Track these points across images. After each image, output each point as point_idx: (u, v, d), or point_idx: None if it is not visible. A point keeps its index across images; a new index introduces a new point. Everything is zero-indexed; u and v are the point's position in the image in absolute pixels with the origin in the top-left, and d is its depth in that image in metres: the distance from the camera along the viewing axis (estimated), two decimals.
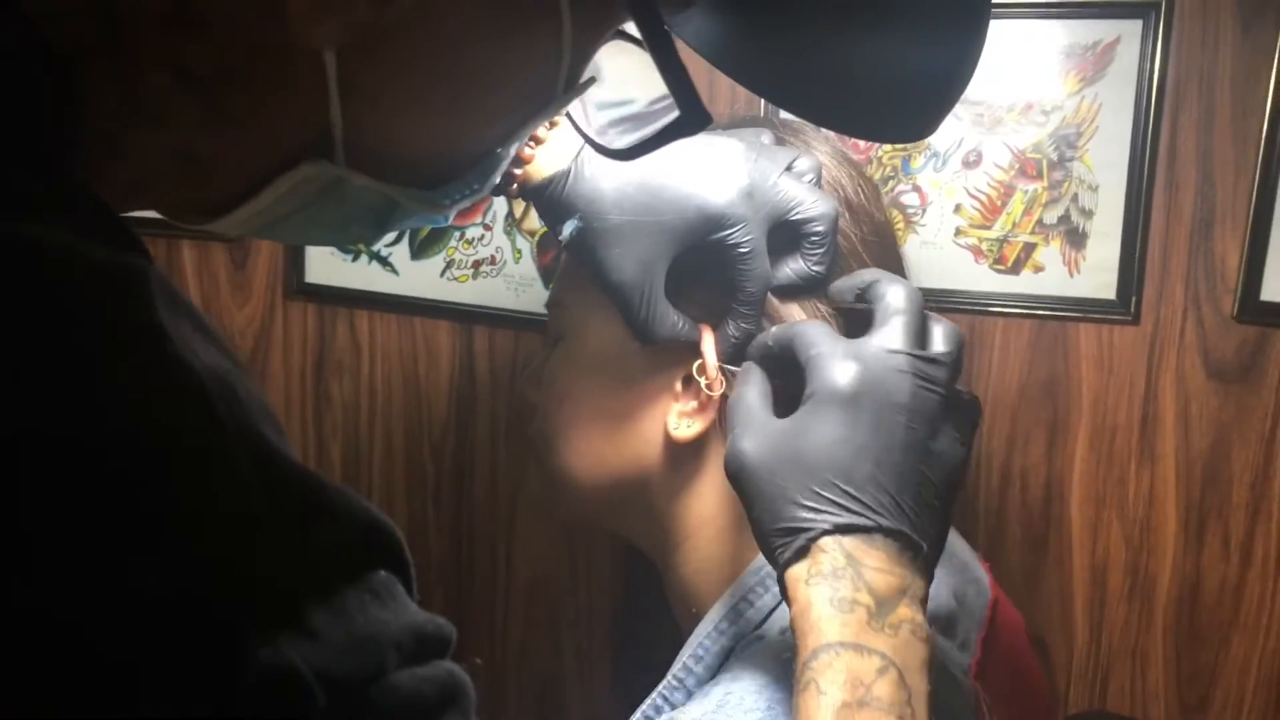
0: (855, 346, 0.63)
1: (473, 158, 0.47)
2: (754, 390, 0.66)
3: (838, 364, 0.62)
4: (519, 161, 0.71)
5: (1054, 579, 1.01)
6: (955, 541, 0.82)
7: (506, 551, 1.16)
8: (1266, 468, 0.94)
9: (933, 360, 0.63)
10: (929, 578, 0.61)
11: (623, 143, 0.55)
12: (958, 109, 0.94)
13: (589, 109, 0.59)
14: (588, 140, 0.60)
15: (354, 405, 1.19)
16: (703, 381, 0.71)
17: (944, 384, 0.63)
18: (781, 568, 0.61)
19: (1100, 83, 0.92)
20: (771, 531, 0.61)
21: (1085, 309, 0.96)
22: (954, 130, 0.96)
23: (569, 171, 0.71)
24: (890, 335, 0.63)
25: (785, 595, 0.61)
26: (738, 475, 0.63)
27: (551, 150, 0.71)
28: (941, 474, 0.62)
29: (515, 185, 0.72)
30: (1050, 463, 0.99)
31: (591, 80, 0.48)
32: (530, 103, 0.46)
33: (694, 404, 0.73)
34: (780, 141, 0.76)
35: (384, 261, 1.14)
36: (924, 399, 0.62)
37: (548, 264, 1.08)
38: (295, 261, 1.17)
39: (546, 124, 0.69)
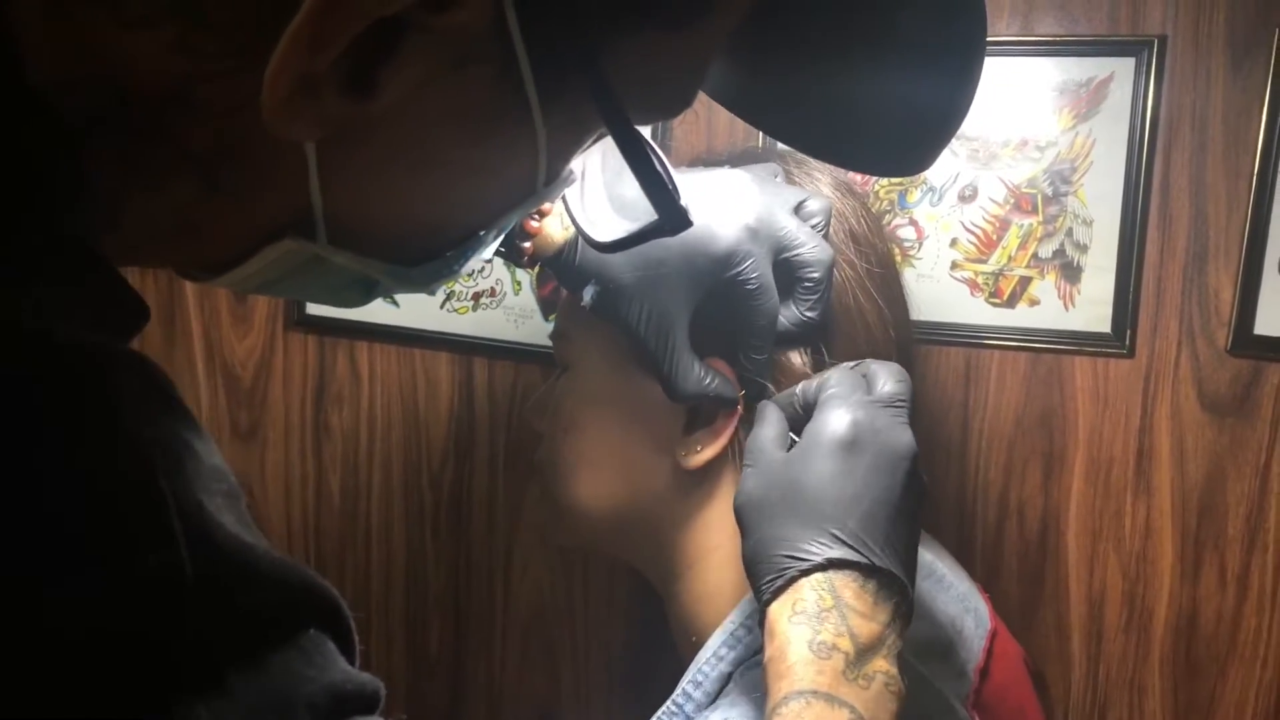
0: (866, 396, 0.65)
1: (454, 240, 0.49)
2: (770, 430, 0.67)
3: (843, 406, 0.64)
4: (527, 235, 0.73)
5: (1051, 611, 1.01)
6: (955, 572, 0.83)
7: (505, 581, 1.17)
8: (1262, 500, 0.94)
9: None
10: (908, 625, 0.62)
11: (610, 233, 0.58)
12: (953, 144, 0.96)
13: (588, 187, 0.61)
14: (577, 228, 0.63)
15: (353, 436, 1.19)
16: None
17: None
18: (765, 600, 0.61)
19: (1094, 119, 0.94)
20: (762, 561, 0.62)
21: (1080, 342, 0.97)
22: (950, 165, 0.97)
23: (576, 238, 0.72)
24: (890, 391, 0.66)
25: (764, 630, 0.61)
26: (739, 510, 0.64)
27: (558, 219, 0.72)
28: (917, 525, 0.64)
29: (527, 258, 0.73)
30: (1047, 495, 1.00)
31: (572, 174, 0.50)
32: (510, 195, 0.48)
33: (702, 432, 0.74)
34: (788, 176, 0.77)
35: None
36: (913, 449, 0.64)
37: (547, 296, 1.09)
38: None
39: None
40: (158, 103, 0.38)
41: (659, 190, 0.45)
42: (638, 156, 0.43)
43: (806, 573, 0.60)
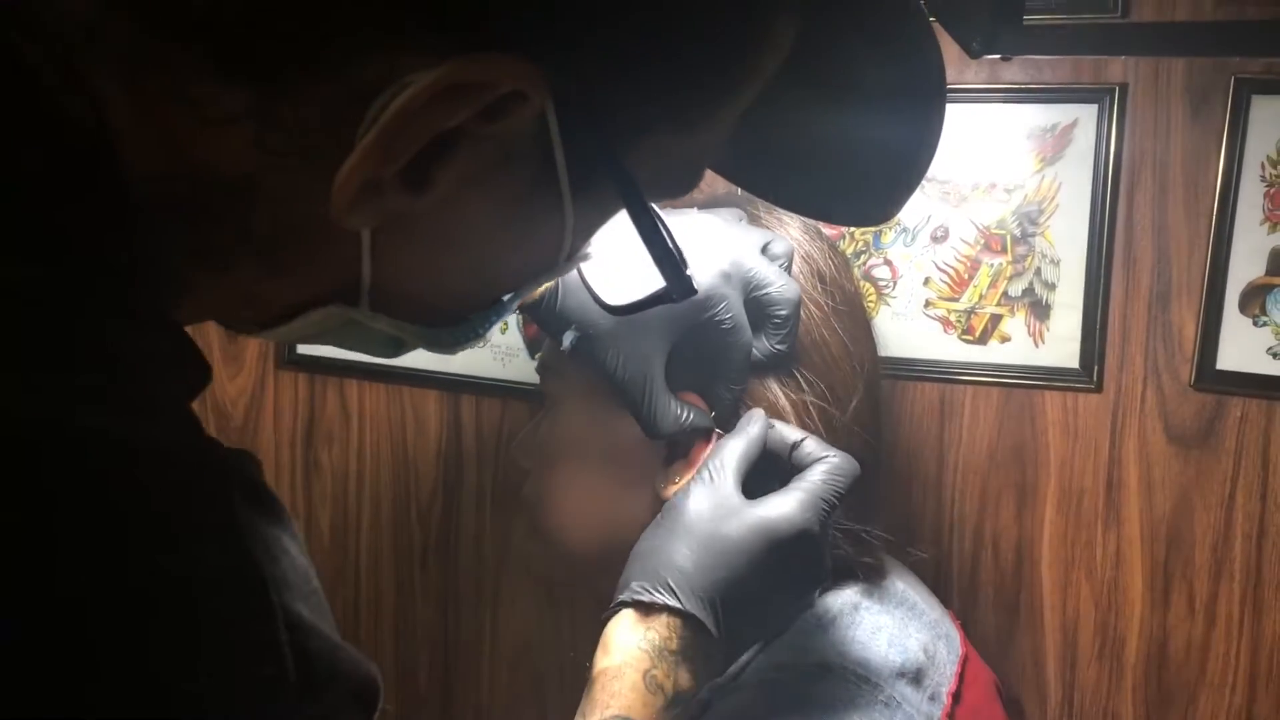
0: (725, 490, 0.72)
1: (480, 306, 0.54)
2: (735, 451, 0.74)
3: (701, 489, 0.72)
4: None
5: (1026, 640, 1.03)
6: (927, 600, 0.85)
7: (492, 617, 1.18)
8: (1227, 530, 0.97)
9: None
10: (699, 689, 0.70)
11: (620, 297, 0.65)
12: (926, 187, 0.99)
13: (600, 252, 0.66)
14: (591, 294, 0.70)
15: (343, 473, 1.21)
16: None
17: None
18: (618, 605, 0.70)
19: (1059, 163, 0.97)
20: (641, 563, 0.71)
21: (1050, 377, 1.00)
22: (922, 207, 1.00)
23: (556, 286, 0.75)
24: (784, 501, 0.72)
25: (604, 632, 0.70)
26: (666, 507, 0.74)
27: None
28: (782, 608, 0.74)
29: None
30: (1020, 526, 1.02)
31: (589, 250, 0.55)
32: (535, 268, 0.53)
33: (680, 463, 0.76)
34: (754, 220, 0.80)
35: None
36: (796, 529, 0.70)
37: (534, 335, 1.11)
38: None
39: None
40: (226, 191, 0.42)
41: (669, 263, 0.50)
42: (652, 236, 0.48)
43: (669, 609, 0.68)
